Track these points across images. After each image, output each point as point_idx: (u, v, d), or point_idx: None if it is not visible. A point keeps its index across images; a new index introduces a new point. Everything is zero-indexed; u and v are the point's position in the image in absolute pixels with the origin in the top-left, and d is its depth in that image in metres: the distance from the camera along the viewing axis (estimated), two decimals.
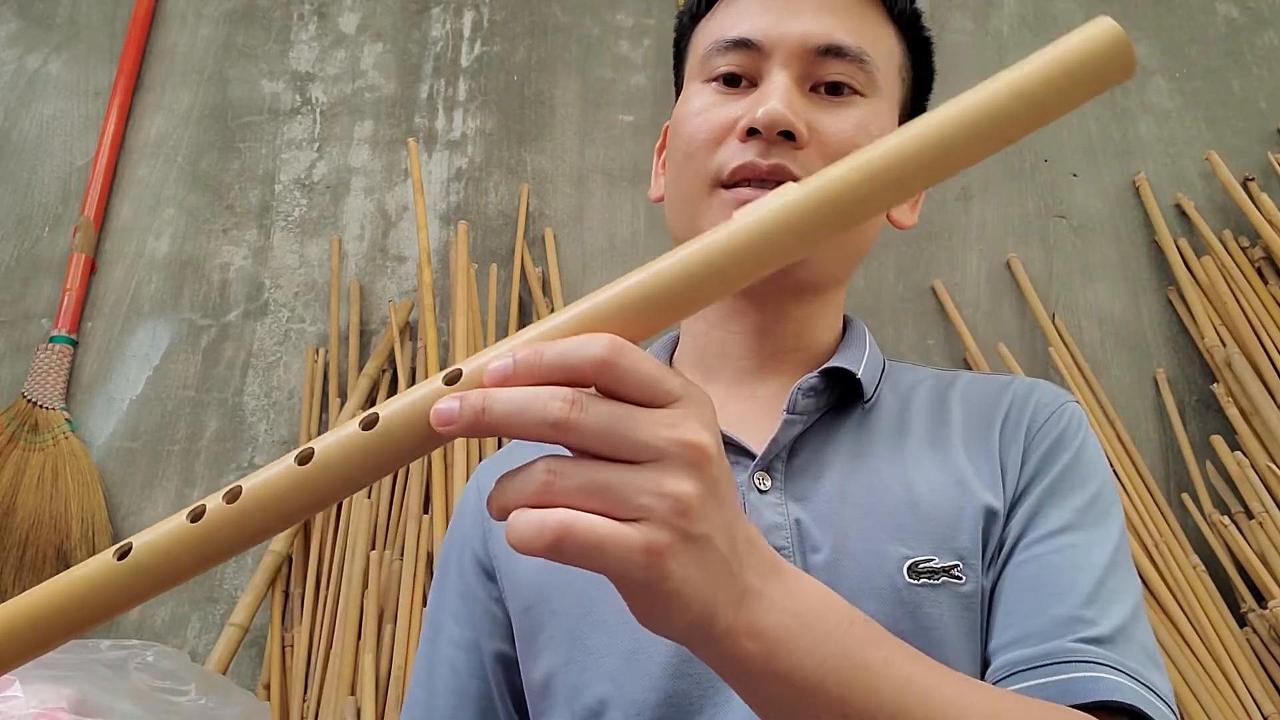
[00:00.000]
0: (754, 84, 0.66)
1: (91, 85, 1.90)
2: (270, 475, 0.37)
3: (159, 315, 1.73)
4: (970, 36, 1.87)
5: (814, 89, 0.65)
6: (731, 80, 0.66)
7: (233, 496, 0.38)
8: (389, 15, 1.95)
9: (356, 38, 1.94)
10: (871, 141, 0.64)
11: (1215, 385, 1.56)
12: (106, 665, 1.07)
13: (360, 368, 1.63)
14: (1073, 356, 1.59)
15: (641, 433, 0.35)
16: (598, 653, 0.59)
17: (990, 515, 0.59)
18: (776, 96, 0.62)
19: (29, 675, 1.00)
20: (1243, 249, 1.64)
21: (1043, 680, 0.52)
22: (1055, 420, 0.64)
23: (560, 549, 0.34)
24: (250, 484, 0.37)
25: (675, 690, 0.57)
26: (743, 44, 0.66)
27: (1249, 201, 1.65)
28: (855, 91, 0.65)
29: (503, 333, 1.65)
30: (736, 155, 0.63)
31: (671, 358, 0.75)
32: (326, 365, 1.65)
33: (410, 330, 1.67)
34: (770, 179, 0.62)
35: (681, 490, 0.35)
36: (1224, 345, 1.55)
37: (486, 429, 0.35)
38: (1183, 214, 1.70)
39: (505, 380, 0.36)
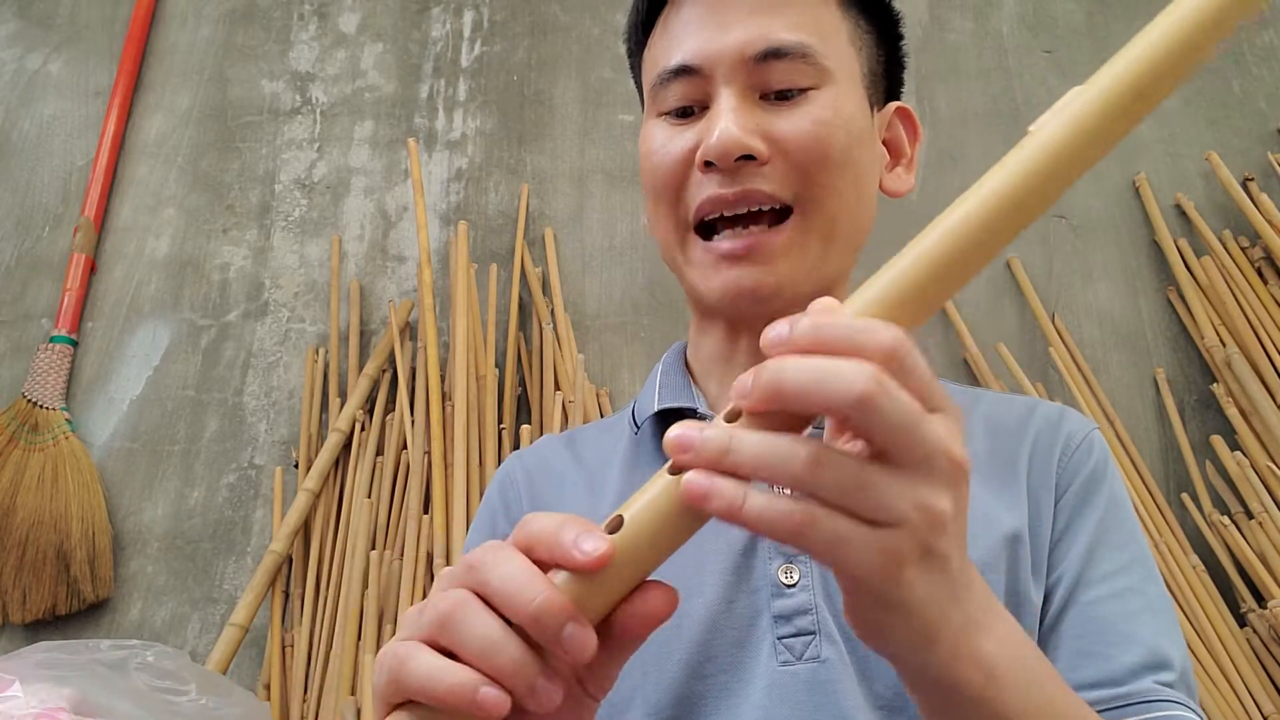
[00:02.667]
0: (706, 106, 0.64)
1: (91, 85, 1.90)
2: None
3: (159, 315, 1.73)
4: (970, 37, 1.87)
5: (764, 95, 0.63)
6: (682, 111, 0.65)
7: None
8: (389, 15, 1.95)
9: (356, 38, 1.94)
10: (836, 130, 0.63)
11: (1215, 385, 1.56)
12: (106, 665, 1.07)
13: (360, 368, 1.63)
14: (1072, 356, 1.59)
15: (924, 439, 0.34)
16: None
17: (1013, 539, 0.59)
18: (726, 118, 0.60)
19: (29, 675, 1.00)
20: (1242, 249, 1.64)
21: (1137, 718, 0.54)
22: (1086, 451, 0.64)
23: (800, 538, 0.34)
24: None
25: (692, 691, 0.57)
26: (683, 71, 0.64)
27: (1249, 201, 1.65)
28: (809, 87, 0.63)
29: (503, 333, 1.65)
30: (700, 190, 0.62)
31: (686, 363, 0.75)
32: (326, 365, 1.65)
33: (410, 330, 1.67)
34: (741, 205, 0.61)
35: (940, 505, 0.35)
36: (1224, 345, 1.55)
37: (779, 398, 0.35)
38: (1183, 214, 1.70)
39: (784, 345, 0.36)
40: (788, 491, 0.35)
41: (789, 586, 0.59)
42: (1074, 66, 1.83)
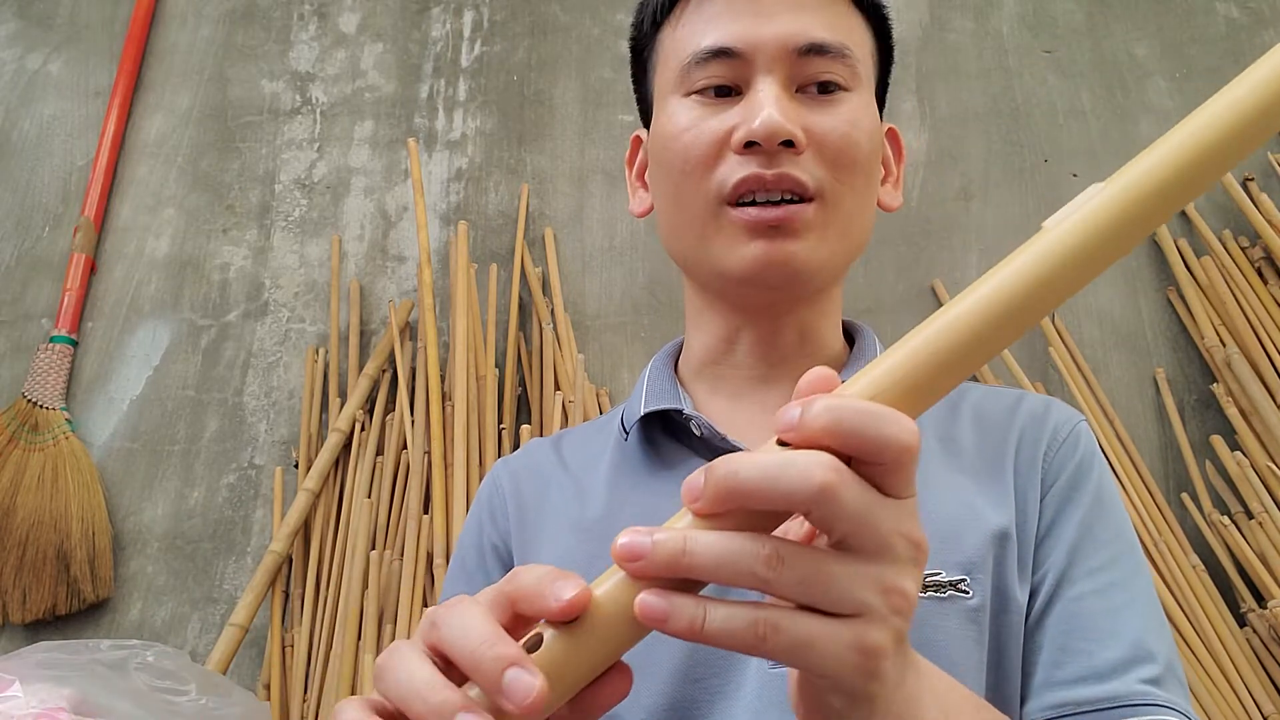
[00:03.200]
0: (739, 91, 0.64)
1: (91, 85, 1.90)
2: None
3: (159, 315, 1.73)
4: (970, 36, 1.87)
5: (800, 89, 0.64)
6: (718, 91, 0.65)
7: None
8: (389, 15, 1.95)
9: (356, 38, 1.94)
10: (864, 134, 0.64)
11: (1215, 385, 1.56)
12: (106, 665, 1.07)
13: (360, 368, 1.63)
14: (1072, 356, 1.59)
15: (884, 526, 0.34)
16: None
17: (1001, 537, 0.59)
18: (770, 105, 0.61)
19: (29, 675, 1.00)
20: (1242, 249, 1.64)
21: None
22: (1073, 444, 0.64)
23: (764, 648, 0.33)
24: None
25: (683, 695, 0.57)
26: (722, 53, 0.64)
27: (1249, 201, 1.65)
28: (842, 87, 0.64)
29: (503, 333, 1.65)
30: (738, 169, 0.62)
31: (676, 365, 0.74)
32: (326, 365, 1.65)
33: (410, 330, 1.67)
34: (776, 189, 0.61)
35: (905, 587, 0.34)
36: (1223, 345, 1.55)
37: (735, 497, 0.34)
38: (1183, 214, 1.70)
39: (791, 429, 0.34)
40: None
41: None
42: (1074, 66, 1.83)
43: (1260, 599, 1.39)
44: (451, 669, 0.35)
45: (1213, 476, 1.51)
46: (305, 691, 1.39)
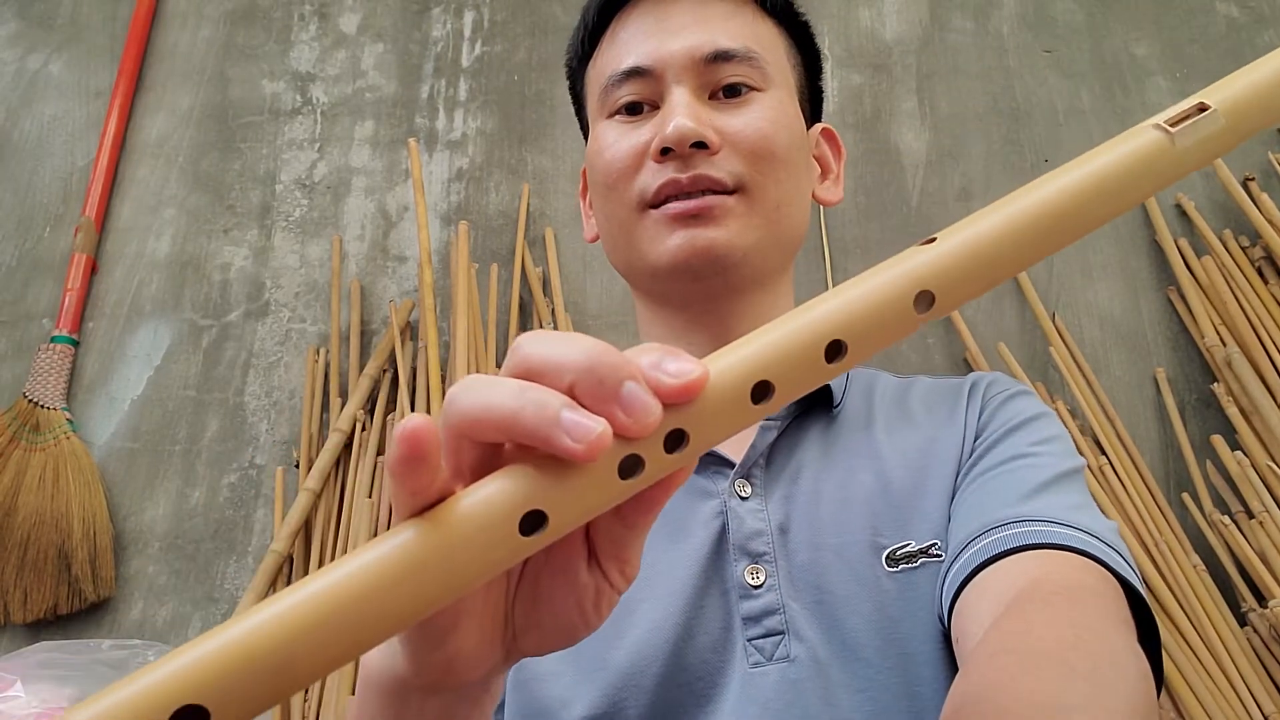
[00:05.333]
0: (655, 107, 0.68)
1: (92, 85, 1.90)
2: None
3: (160, 315, 1.73)
4: (970, 36, 1.87)
5: (713, 96, 0.67)
6: (633, 109, 0.69)
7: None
8: (390, 15, 1.95)
9: (357, 38, 1.94)
10: (779, 128, 0.67)
11: (1215, 385, 1.56)
12: (108, 665, 1.08)
13: (361, 368, 1.63)
14: (1073, 356, 1.59)
15: None
16: (590, 667, 0.60)
17: (957, 474, 0.62)
18: (680, 112, 0.64)
19: (31, 675, 1.00)
20: (1243, 248, 1.64)
21: (965, 558, 0.53)
22: (1008, 393, 0.68)
23: None
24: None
25: (670, 699, 0.58)
26: (635, 72, 0.68)
27: (1249, 201, 1.65)
28: (752, 88, 0.68)
29: (503, 333, 1.65)
30: (656, 176, 0.65)
31: None
32: (327, 365, 1.65)
33: (411, 330, 1.68)
34: (694, 189, 0.64)
35: None
36: (1224, 345, 1.55)
37: None
38: (1183, 214, 1.70)
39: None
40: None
41: (755, 588, 0.59)
42: (1074, 66, 1.83)
43: (1261, 598, 1.39)
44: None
45: (1213, 476, 1.51)
46: (306, 691, 1.39)
